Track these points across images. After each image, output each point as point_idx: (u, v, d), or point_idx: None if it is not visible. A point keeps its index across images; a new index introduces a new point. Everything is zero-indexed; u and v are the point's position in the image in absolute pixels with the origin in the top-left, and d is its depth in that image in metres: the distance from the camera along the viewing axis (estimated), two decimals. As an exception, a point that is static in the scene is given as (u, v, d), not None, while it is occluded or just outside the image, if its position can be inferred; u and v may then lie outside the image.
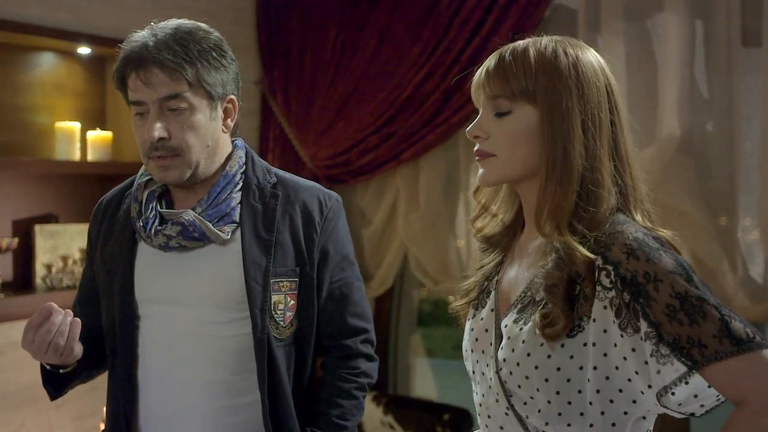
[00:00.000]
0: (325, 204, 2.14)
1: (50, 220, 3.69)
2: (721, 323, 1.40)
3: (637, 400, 1.50)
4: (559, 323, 1.48)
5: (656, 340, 1.42)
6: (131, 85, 1.98)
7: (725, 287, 3.19)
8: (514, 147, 1.56)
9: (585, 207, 1.52)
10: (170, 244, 2.01)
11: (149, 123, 1.97)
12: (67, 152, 3.64)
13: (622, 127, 1.61)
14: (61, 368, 2.01)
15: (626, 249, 1.46)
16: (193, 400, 2.03)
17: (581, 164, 1.52)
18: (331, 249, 2.13)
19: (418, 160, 4.04)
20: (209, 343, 2.03)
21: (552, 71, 1.54)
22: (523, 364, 1.53)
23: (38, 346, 1.88)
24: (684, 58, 3.23)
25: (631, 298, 1.44)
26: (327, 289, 2.13)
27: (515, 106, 1.56)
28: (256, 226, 2.05)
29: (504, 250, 1.73)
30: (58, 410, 3.63)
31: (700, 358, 1.39)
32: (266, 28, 4.37)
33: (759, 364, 1.39)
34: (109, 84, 3.91)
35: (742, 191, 3.21)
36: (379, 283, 4.23)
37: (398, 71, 3.96)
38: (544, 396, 1.52)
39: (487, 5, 3.65)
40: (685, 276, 1.44)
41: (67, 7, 3.60)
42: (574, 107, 1.53)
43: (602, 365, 1.49)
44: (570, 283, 1.50)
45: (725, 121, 3.21)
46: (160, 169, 1.99)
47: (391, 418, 4.08)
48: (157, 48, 1.93)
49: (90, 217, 2.22)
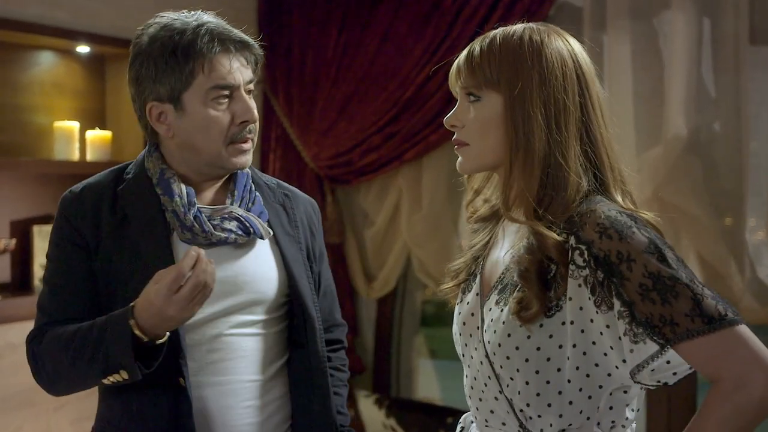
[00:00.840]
0: (314, 206, 2.26)
1: (49, 220, 3.66)
2: (693, 302, 1.43)
3: (612, 374, 1.54)
4: (533, 307, 1.53)
5: (629, 319, 1.45)
6: (223, 66, 1.93)
7: (732, 289, 3.17)
8: (484, 135, 1.62)
9: (550, 193, 1.56)
10: (229, 239, 1.98)
11: (246, 104, 1.96)
12: (66, 152, 3.62)
13: (595, 111, 1.62)
14: (155, 339, 1.86)
15: (599, 228, 1.49)
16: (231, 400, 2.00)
17: (543, 150, 1.56)
18: (323, 248, 2.25)
19: (421, 160, 4.02)
20: (246, 342, 2.01)
21: (514, 58, 1.59)
22: (504, 345, 1.58)
23: (190, 291, 1.76)
24: (691, 57, 3.21)
25: (605, 277, 1.47)
26: (323, 286, 2.21)
27: (483, 94, 1.61)
28: (282, 224, 2.10)
29: (491, 231, 1.77)
30: (57, 413, 3.60)
31: (672, 336, 1.43)
32: (268, 27, 4.35)
33: (731, 342, 1.42)
34: (108, 83, 3.89)
35: (749, 191, 3.18)
36: (382, 285, 4.20)
37: (401, 70, 3.94)
38: (523, 377, 1.56)
39: (491, 3, 3.63)
40: (657, 255, 1.46)
41: (66, 6, 3.58)
42: (534, 94, 1.57)
43: (580, 342, 1.53)
44: (543, 265, 1.54)
45: (732, 121, 3.19)
46: (243, 153, 1.99)
47: (393, 421, 4.05)
48: (228, 29, 1.95)
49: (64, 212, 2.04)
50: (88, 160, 3.69)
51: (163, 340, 1.87)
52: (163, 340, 1.87)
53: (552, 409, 1.56)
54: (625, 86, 3.35)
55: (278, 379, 2.06)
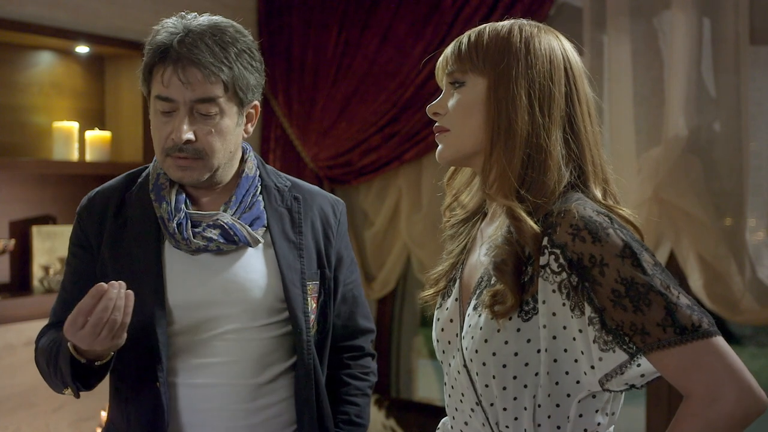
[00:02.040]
0: (336, 208, 2.17)
1: (48, 221, 3.66)
2: (666, 311, 1.39)
3: (581, 381, 1.49)
4: (508, 301, 1.49)
5: (600, 326, 1.42)
6: (164, 80, 1.90)
7: (733, 289, 3.17)
8: (465, 119, 1.60)
9: (531, 174, 1.53)
10: (209, 247, 1.97)
11: (178, 123, 1.89)
12: (65, 152, 3.61)
13: (581, 105, 1.60)
14: (96, 360, 1.88)
15: (572, 230, 1.45)
16: (221, 403, 2.00)
17: (525, 130, 1.54)
18: (344, 252, 2.17)
19: (421, 161, 4.01)
20: (238, 347, 2.00)
21: (502, 45, 1.58)
22: (481, 351, 1.53)
23: (93, 327, 1.75)
24: (691, 57, 3.21)
25: (578, 281, 1.44)
26: (341, 292, 2.16)
27: (467, 78, 1.60)
28: (284, 229, 2.05)
29: (468, 235, 1.74)
30: (56, 414, 3.60)
31: (642, 345, 1.39)
32: (267, 27, 4.35)
33: (704, 354, 1.38)
34: (107, 83, 3.88)
35: (749, 191, 3.18)
36: (381, 285, 4.20)
37: (401, 71, 3.94)
38: (499, 383, 1.52)
39: (492, 3, 3.63)
40: (632, 260, 1.42)
41: (65, 6, 3.57)
42: (519, 76, 1.55)
43: (551, 348, 1.49)
44: (519, 262, 1.51)
45: (733, 121, 3.18)
46: (179, 169, 1.94)
47: (393, 422, 4.05)
48: (196, 46, 1.87)
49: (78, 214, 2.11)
50: (87, 161, 3.68)
51: (103, 361, 1.89)
52: (103, 362, 1.89)
53: (527, 413, 1.52)
54: (625, 86, 3.34)
55: (281, 383, 2.05)
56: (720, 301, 3.22)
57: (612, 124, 3.37)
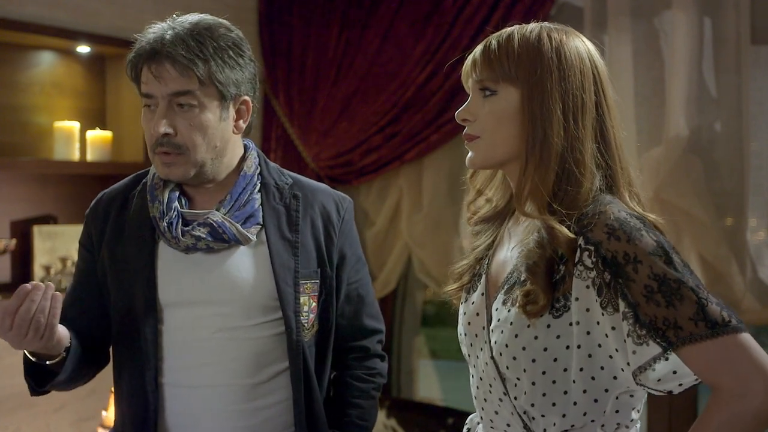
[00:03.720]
0: (341, 205, 2.16)
1: (49, 221, 3.66)
2: (698, 306, 1.42)
3: (618, 377, 1.53)
4: (540, 301, 1.52)
5: (633, 320, 1.45)
6: (143, 78, 1.95)
7: (734, 289, 3.16)
8: (497, 128, 1.60)
9: (565, 188, 1.55)
10: (198, 246, 1.98)
11: (156, 118, 1.93)
12: (66, 152, 3.61)
13: (610, 111, 1.62)
14: (47, 359, 1.90)
15: (607, 229, 1.48)
16: (218, 404, 2.00)
17: (561, 144, 1.56)
18: (348, 251, 2.15)
19: (422, 161, 4.00)
20: (233, 347, 2.00)
21: (534, 54, 1.58)
22: (511, 345, 1.57)
23: (18, 328, 1.75)
24: (692, 57, 3.20)
25: (612, 278, 1.47)
26: (345, 291, 2.15)
27: (499, 87, 1.60)
28: (280, 227, 2.04)
29: (495, 233, 1.76)
30: (56, 414, 3.60)
31: (674, 339, 1.42)
32: (268, 27, 4.35)
33: (733, 349, 1.41)
34: (108, 83, 3.89)
35: (750, 192, 3.17)
36: (382, 285, 4.19)
37: (402, 70, 3.93)
38: (529, 377, 1.56)
39: (492, 3, 3.63)
40: (664, 258, 1.46)
41: (66, 6, 3.57)
42: (554, 88, 1.56)
43: (585, 343, 1.52)
44: (551, 263, 1.53)
45: (734, 121, 3.18)
46: (164, 165, 1.96)
47: (394, 422, 4.05)
48: (172, 42, 1.90)
49: (85, 215, 2.15)
50: (88, 161, 3.69)
51: (54, 361, 1.91)
52: (53, 361, 1.91)
53: (556, 408, 1.56)
54: (626, 86, 3.34)
55: (279, 383, 2.04)
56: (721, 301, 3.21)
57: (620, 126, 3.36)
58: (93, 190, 2.47)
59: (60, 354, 1.91)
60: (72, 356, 1.93)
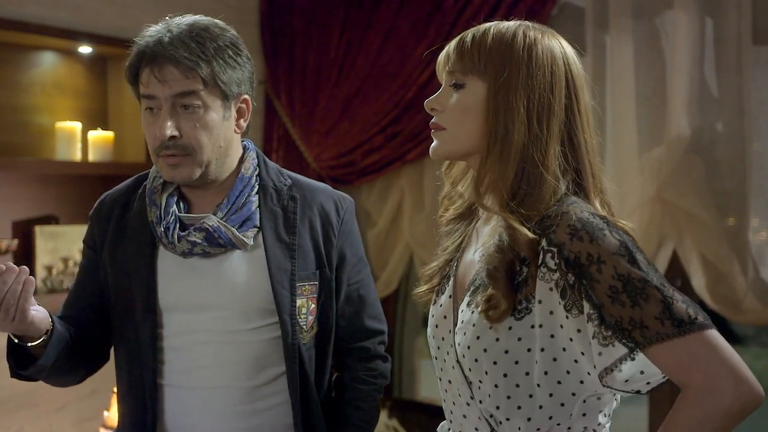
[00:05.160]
0: (341, 206, 2.14)
1: (51, 221, 3.66)
2: (663, 305, 1.41)
3: (584, 381, 1.52)
4: (501, 306, 1.51)
5: (598, 321, 1.44)
6: (144, 80, 1.94)
7: (735, 289, 3.16)
8: (463, 121, 1.61)
9: (525, 188, 1.54)
10: (194, 251, 1.98)
11: (161, 120, 1.92)
12: (68, 153, 3.61)
13: (581, 116, 1.60)
14: (28, 342, 1.89)
15: (570, 230, 1.47)
16: (216, 407, 2.00)
17: (521, 142, 1.55)
18: (348, 251, 2.13)
19: (424, 161, 4.00)
20: (232, 350, 2.00)
21: (505, 50, 1.58)
22: (473, 347, 1.56)
23: None
24: (693, 57, 3.20)
25: (575, 279, 1.46)
26: (345, 292, 2.13)
27: (467, 80, 1.60)
28: (277, 229, 2.03)
29: (463, 233, 1.75)
30: (58, 413, 3.60)
31: (641, 339, 1.41)
32: (270, 27, 4.34)
33: (701, 346, 1.41)
34: (110, 83, 3.89)
35: (752, 192, 3.17)
36: (384, 285, 4.19)
37: (403, 71, 3.93)
38: (492, 379, 1.55)
39: (494, 3, 3.63)
40: (628, 257, 1.45)
41: (67, 6, 3.57)
42: (520, 86, 1.56)
43: (549, 347, 1.51)
44: (512, 267, 1.53)
45: (735, 121, 3.18)
46: (170, 168, 1.95)
47: (395, 422, 4.05)
48: (172, 44, 1.89)
49: (89, 216, 2.15)
50: (90, 161, 3.69)
51: (34, 344, 1.89)
52: (34, 344, 1.89)
53: (521, 412, 1.54)
54: (628, 86, 3.34)
55: (279, 386, 2.04)
56: (723, 301, 3.22)
57: (614, 124, 3.36)
58: (95, 190, 2.48)
59: (41, 337, 1.89)
60: (56, 342, 1.91)
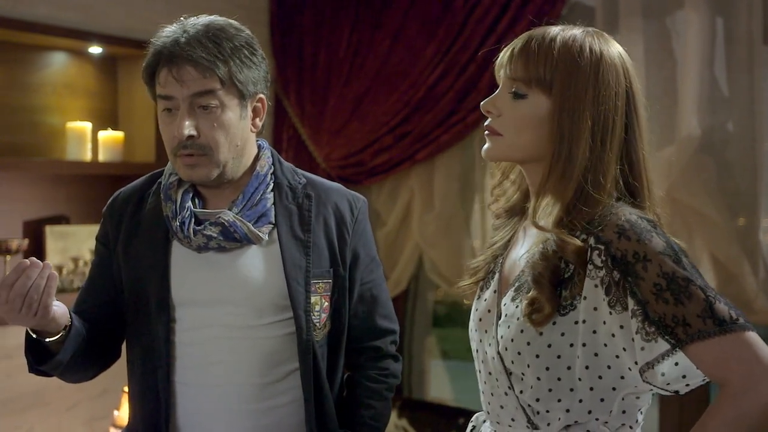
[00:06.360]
0: (355, 205, 2.15)
1: (61, 221, 3.67)
2: (706, 303, 1.44)
3: (625, 376, 1.55)
4: (544, 310, 1.54)
5: (642, 317, 1.46)
6: (161, 80, 1.95)
7: (746, 290, 3.15)
8: (521, 131, 1.60)
9: (580, 207, 1.55)
10: (210, 245, 1.99)
11: (179, 120, 1.93)
12: (78, 153, 3.62)
13: (640, 130, 1.64)
14: (47, 337, 1.90)
15: (618, 229, 1.50)
16: (229, 403, 2.01)
17: (584, 164, 1.55)
18: (362, 251, 2.14)
19: (433, 161, 4.00)
20: (245, 345, 2.01)
21: (572, 67, 1.56)
22: (517, 340, 1.58)
23: (11, 302, 1.76)
24: (704, 57, 3.19)
25: (621, 277, 1.48)
26: (358, 291, 2.14)
27: (530, 92, 1.59)
28: (292, 227, 2.04)
29: (512, 229, 1.77)
30: (69, 413, 3.61)
31: (683, 336, 1.44)
32: (279, 27, 4.35)
33: (741, 346, 1.43)
34: (120, 84, 3.90)
35: (763, 191, 3.16)
36: (393, 285, 4.19)
37: (412, 71, 3.93)
38: (534, 372, 1.57)
39: (504, 3, 3.62)
40: (673, 257, 1.48)
41: (77, 6, 3.58)
42: (586, 108, 1.56)
43: (591, 342, 1.54)
44: (556, 271, 1.55)
45: (746, 120, 3.17)
46: (188, 167, 1.96)
47: (405, 422, 4.04)
48: (189, 44, 1.90)
49: (102, 213, 2.16)
50: (100, 161, 3.70)
51: (52, 340, 1.90)
52: (52, 339, 1.90)
53: (561, 404, 1.57)
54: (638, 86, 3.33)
55: (291, 383, 2.04)
56: (733, 301, 3.13)
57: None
58: (105, 190, 2.49)
59: (59, 333, 1.90)
60: (73, 338, 1.93)
